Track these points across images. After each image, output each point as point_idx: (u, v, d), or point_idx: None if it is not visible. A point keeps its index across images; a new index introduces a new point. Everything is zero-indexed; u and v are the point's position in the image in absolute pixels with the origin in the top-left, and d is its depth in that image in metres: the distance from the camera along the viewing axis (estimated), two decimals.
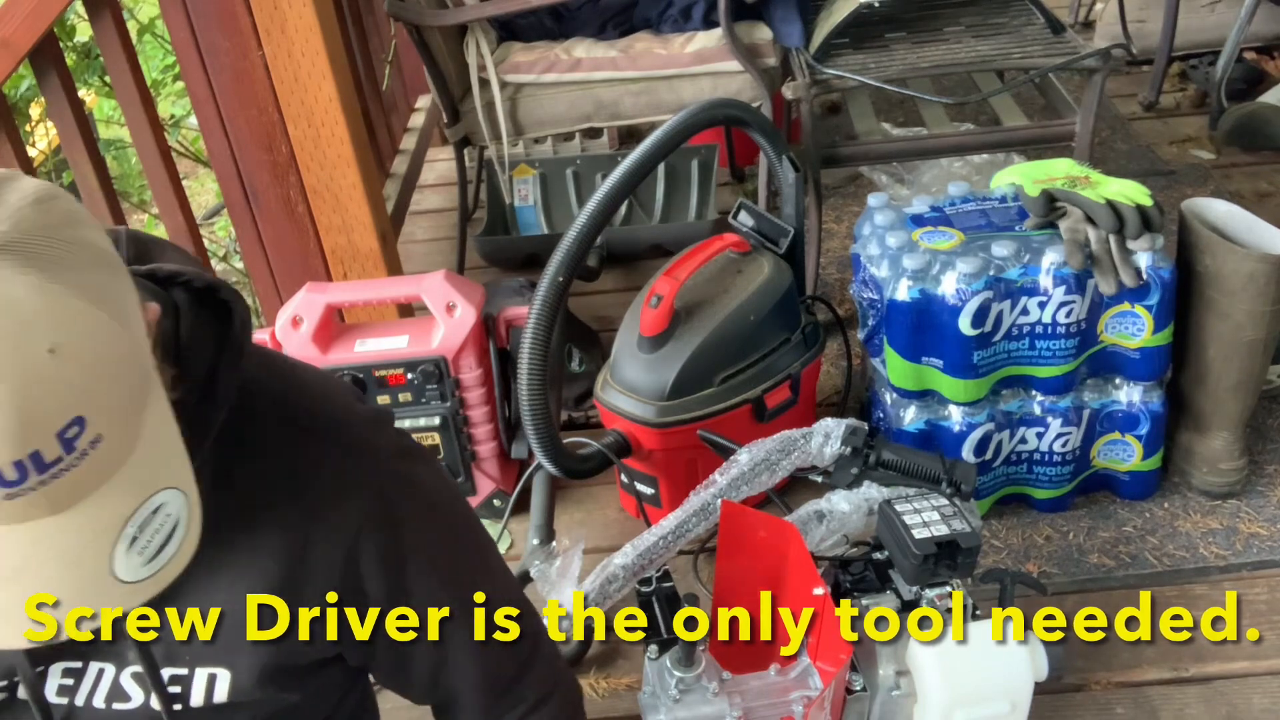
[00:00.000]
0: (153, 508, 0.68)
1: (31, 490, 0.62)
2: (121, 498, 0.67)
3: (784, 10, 2.26)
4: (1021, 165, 1.85)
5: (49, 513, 0.64)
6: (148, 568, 0.68)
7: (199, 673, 0.88)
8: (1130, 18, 3.06)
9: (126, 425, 0.67)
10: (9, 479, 0.61)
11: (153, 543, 0.68)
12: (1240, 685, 1.52)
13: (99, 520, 0.66)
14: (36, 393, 0.61)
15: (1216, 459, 1.81)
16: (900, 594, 1.34)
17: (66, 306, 0.63)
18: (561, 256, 1.73)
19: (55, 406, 0.62)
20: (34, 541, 0.65)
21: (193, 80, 2.03)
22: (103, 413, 0.65)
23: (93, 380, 0.64)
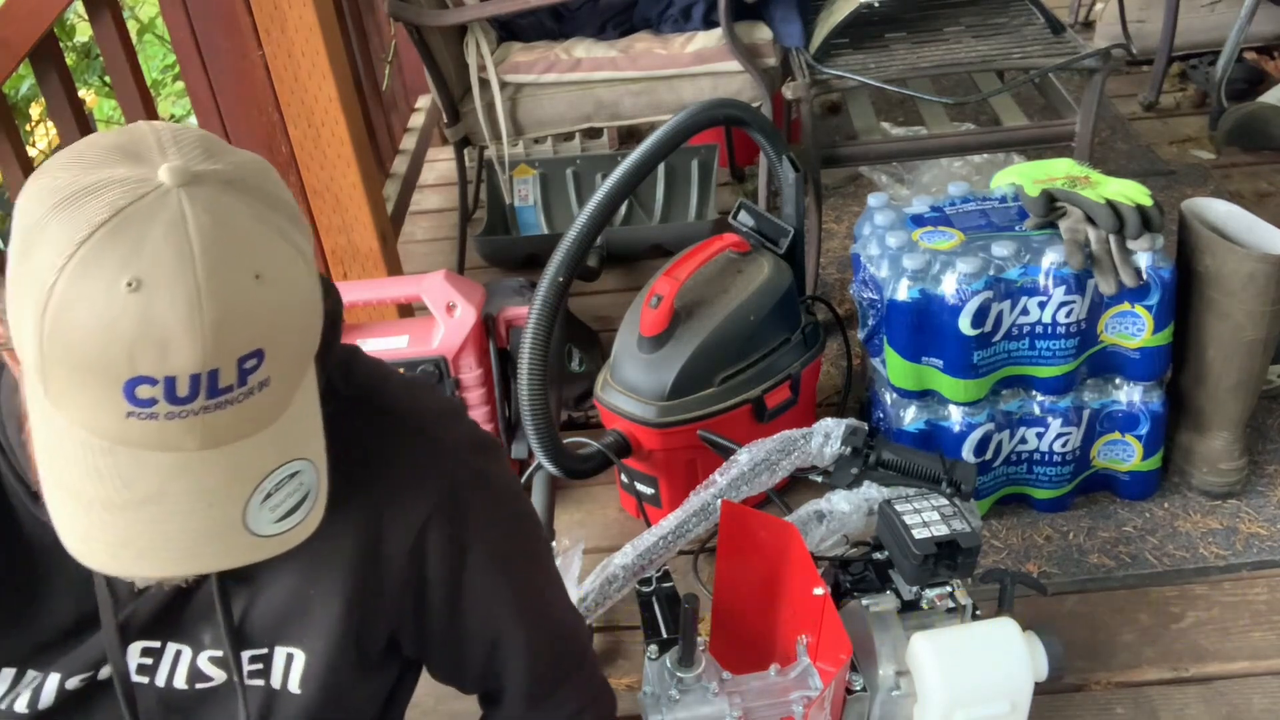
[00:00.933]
0: (290, 471, 0.69)
1: (193, 414, 0.63)
2: (267, 452, 0.68)
3: (784, 10, 2.26)
4: (1021, 165, 1.85)
5: (198, 446, 0.65)
6: (274, 527, 0.69)
7: (278, 651, 0.89)
8: (1130, 18, 3.06)
9: (289, 379, 0.69)
10: (180, 394, 0.62)
11: (283, 505, 0.69)
12: (1240, 685, 1.52)
13: (241, 467, 0.67)
14: (234, 311, 0.62)
15: (1216, 459, 1.81)
16: (900, 594, 1.34)
17: (275, 243, 0.65)
18: (561, 256, 1.73)
19: (245, 331, 0.63)
20: (175, 473, 0.65)
21: (193, 80, 2.03)
22: (279, 355, 0.66)
23: (282, 318, 0.65)
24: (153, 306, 0.60)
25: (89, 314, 0.60)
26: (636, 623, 1.36)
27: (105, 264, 0.61)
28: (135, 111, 1.86)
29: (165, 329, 0.61)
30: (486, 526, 0.93)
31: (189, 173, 0.63)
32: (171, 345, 0.61)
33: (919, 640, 1.24)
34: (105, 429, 0.64)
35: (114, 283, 0.60)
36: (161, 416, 0.63)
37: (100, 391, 0.62)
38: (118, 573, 0.69)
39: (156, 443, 0.64)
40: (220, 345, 0.62)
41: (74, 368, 0.62)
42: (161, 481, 0.65)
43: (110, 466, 0.65)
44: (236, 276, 0.63)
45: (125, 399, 0.62)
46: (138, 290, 0.60)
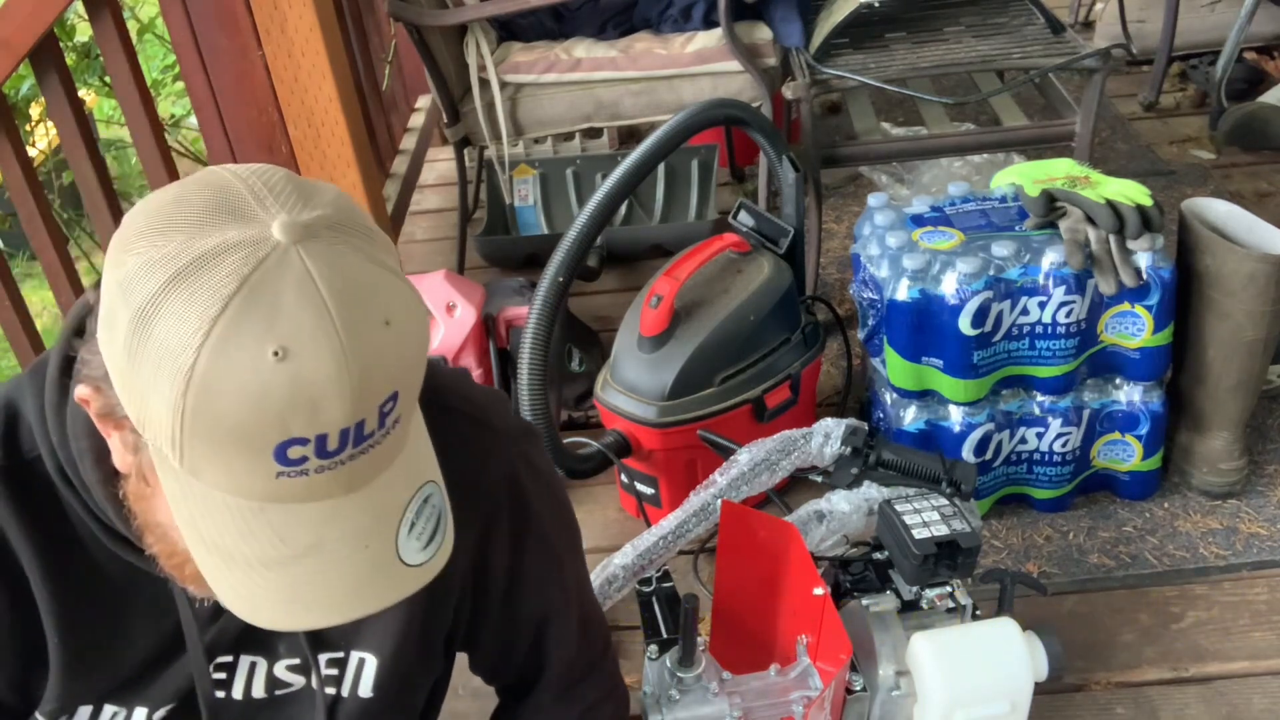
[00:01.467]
0: (424, 496, 0.70)
1: (340, 464, 0.63)
2: (401, 483, 0.69)
3: (784, 10, 2.26)
4: (1021, 165, 1.85)
5: (344, 491, 0.65)
6: (422, 555, 0.69)
7: (353, 655, 0.90)
8: (1130, 18, 3.06)
9: (413, 410, 0.69)
10: (330, 449, 0.62)
11: (425, 531, 0.69)
12: (1240, 685, 1.52)
13: (385, 503, 0.67)
14: (374, 362, 0.62)
15: (1216, 459, 1.81)
16: (900, 594, 1.34)
17: (391, 282, 0.66)
18: (561, 256, 1.73)
19: (384, 378, 0.63)
20: (328, 520, 0.65)
21: (193, 80, 2.03)
22: (408, 392, 0.66)
23: (410, 357, 0.66)
24: (302, 372, 0.60)
25: (237, 388, 0.60)
26: (636, 623, 1.36)
27: (246, 336, 0.60)
28: (135, 111, 1.86)
29: (315, 391, 0.61)
30: (541, 512, 0.95)
31: (299, 226, 0.63)
32: (322, 405, 0.61)
33: (919, 640, 1.24)
34: (253, 490, 0.64)
35: (259, 355, 0.60)
36: (311, 472, 0.63)
37: (249, 458, 0.62)
38: (288, 628, 0.69)
39: (305, 496, 0.64)
40: (365, 397, 0.62)
41: (221, 441, 0.61)
42: (317, 531, 0.65)
43: (264, 525, 0.65)
44: (370, 327, 0.63)
45: (275, 461, 0.62)
46: (285, 359, 0.60)
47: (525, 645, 1.00)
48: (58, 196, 3.14)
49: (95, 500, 0.77)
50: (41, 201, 1.73)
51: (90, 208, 1.86)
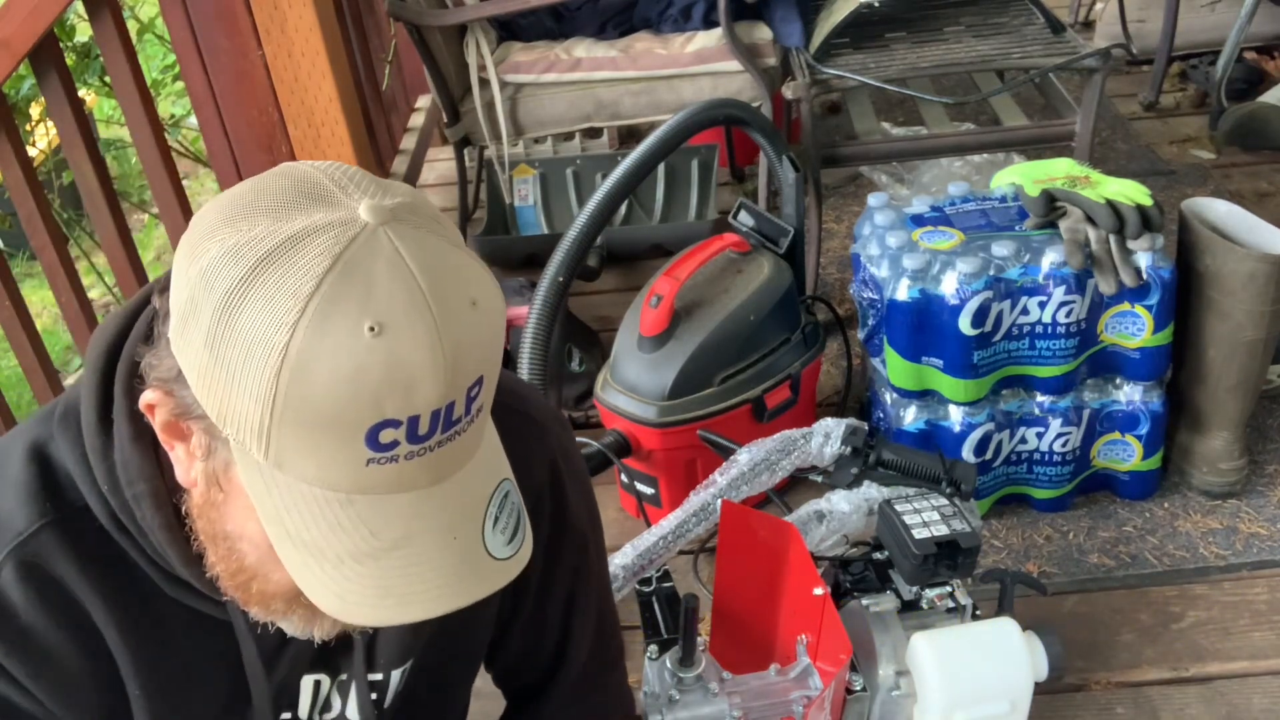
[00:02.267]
0: (504, 493, 0.69)
1: (429, 450, 0.62)
2: (483, 477, 0.68)
3: (784, 10, 2.26)
4: (1021, 165, 1.85)
5: (430, 482, 0.64)
6: (507, 549, 0.68)
7: (394, 674, 0.89)
8: (1130, 18, 3.06)
9: (491, 400, 0.68)
10: (421, 433, 0.61)
11: (509, 526, 0.68)
12: (1240, 685, 1.52)
13: (469, 495, 0.66)
14: (465, 342, 0.62)
15: (1216, 459, 1.81)
16: (900, 594, 1.34)
17: (474, 265, 0.65)
18: (561, 256, 1.73)
19: (473, 360, 0.63)
20: (416, 511, 0.64)
21: (193, 80, 2.03)
22: (490, 379, 0.65)
23: (494, 341, 0.65)
24: (398, 348, 0.59)
25: (334, 365, 0.59)
26: (636, 623, 1.36)
27: (343, 313, 0.59)
28: (135, 111, 1.86)
29: (411, 369, 0.60)
30: (576, 506, 0.94)
31: (385, 209, 0.62)
32: (417, 384, 0.60)
33: (919, 640, 1.24)
34: (341, 481, 0.63)
35: (356, 331, 0.59)
36: (401, 458, 0.62)
37: (340, 443, 0.61)
38: (381, 623, 0.67)
39: (394, 485, 0.63)
40: (457, 377, 0.62)
41: (314, 424, 0.60)
42: (406, 523, 0.64)
43: (353, 517, 0.63)
44: (460, 306, 0.62)
45: (367, 446, 0.61)
46: (381, 334, 0.59)
47: (548, 645, 0.99)
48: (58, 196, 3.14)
49: (155, 545, 0.74)
50: (41, 201, 1.73)
51: (90, 208, 1.86)
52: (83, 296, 1.83)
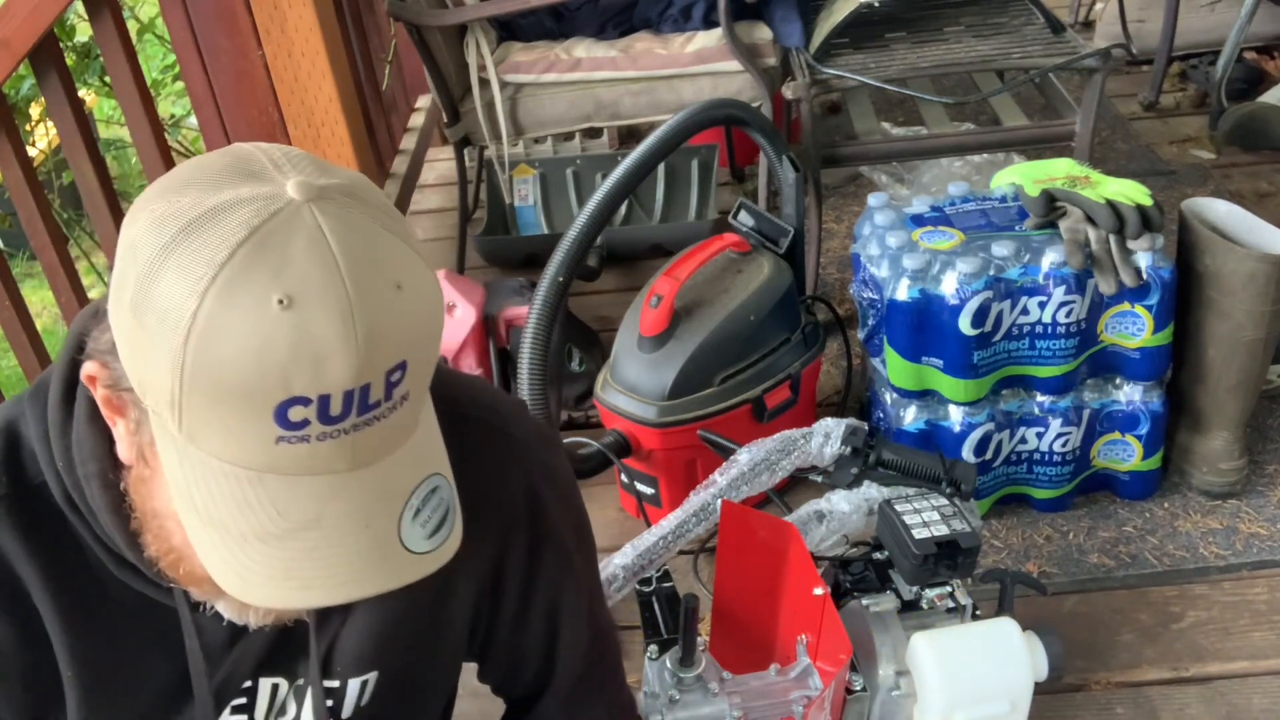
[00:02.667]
0: (431, 486, 0.68)
1: (344, 433, 0.62)
2: (409, 468, 0.67)
3: (784, 10, 2.26)
4: (1021, 165, 1.85)
5: (347, 467, 0.63)
6: (427, 544, 0.67)
7: (351, 683, 0.88)
8: (1130, 18, 3.06)
9: (423, 392, 0.68)
10: (333, 413, 0.61)
11: (431, 521, 0.67)
12: (1240, 685, 1.52)
13: (390, 484, 0.65)
14: (382, 323, 0.61)
15: (1216, 459, 1.81)
16: (900, 594, 1.34)
17: (405, 251, 0.64)
18: (561, 256, 1.73)
19: (392, 343, 0.62)
20: (329, 495, 0.63)
21: (193, 80, 2.03)
22: (417, 366, 0.65)
23: (421, 328, 0.65)
24: (307, 323, 0.59)
25: (240, 336, 0.59)
26: (636, 623, 1.36)
27: (252, 283, 0.59)
28: (135, 111, 1.86)
29: (321, 344, 0.59)
30: (558, 520, 0.93)
31: (314, 187, 0.62)
32: (327, 361, 0.59)
33: (919, 640, 1.24)
34: (252, 458, 0.62)
35: (264, 301, 0.58)
36: (313, 439, 0.61)
37: (248, 418, 0.60)
38: (282, 605, 0.66)
39: (307, 467, 0.62)
40: (372, 358, 0.61)
41: (221, 396, 0.60)
42: (317, 506, 0.63)
43: (261, 496, 0.63)
44: (380, 287, 0.61)
45: (276, 423, 0.60)
46: (290, 307, 0.59)
47: (535, 657, 0.98)
48: (58, 196, 3.14)
49: (103, 526, 0.74)
50: (41, 201, 1.73)
51: (90, 208, 1.86)
52: (83, 296, 1.83)
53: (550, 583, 0.94)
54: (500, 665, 1.00)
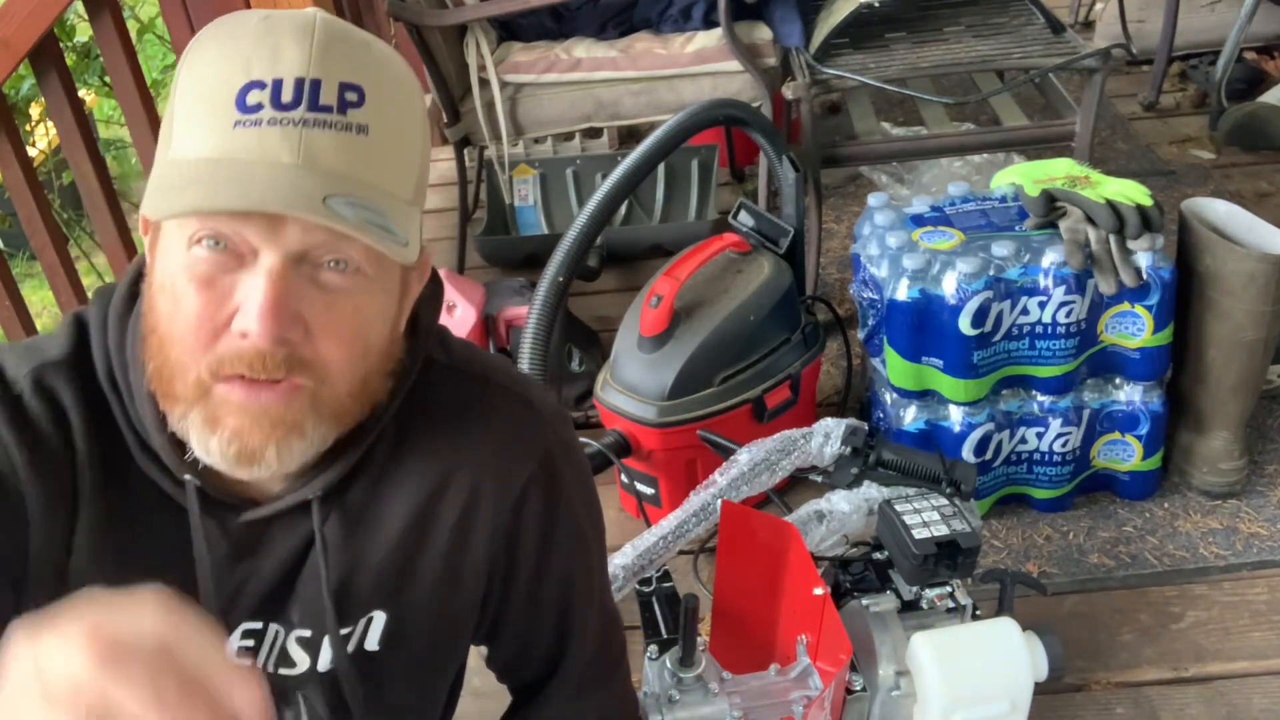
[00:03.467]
0: (380, 221, 0.70)
1: (292, 124, 0.68)
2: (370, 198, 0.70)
3: (784, 10, 2.26)
4: (1021, 165, 1.85)
5: (293, 160, 0.68)
6: (354, 214, 0.69)
7: (359, 622, 0.89)
8: (1130, 18, 3.06)
9: (386, 134, 0.71)
10: (284, 100, 0.68)
11: (367, 219, 0.70)
12: (1240, 685, 1.52)
13: (334, 185, 0.69)
14: (341, 41, 0.70)
15: (1216, 459, 1.81)
16: (900, 594, 1.34)
17: (394, 54, 0.75)
18: (561, 256, 1.73)
19: (347, 61, 0.70)
20: (272, 175, 0.68)
21: None
22: (380, 115, 0.70)
23: (386, 76, 0.72)
24: (274, 28, 0.69)
25: (221, 42, 0.70)
26: (636, 623, 1.36)
27: (241, 17, 0.72)
28: (135, 111, 1.86)
29: (280, 38, 0.69)
30: (572, 496, 0.94)
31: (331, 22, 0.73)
32: (283, 51, 0.68)
33: (919, 640, 1.24)
34: (215, 145, 0.68)
35: (247, 19, 0.71)
36: (265, 123, 0.67)
37: (215, 109, 0.68)
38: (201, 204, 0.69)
39: (257, 153, 0.67)
40: (325, 59, 0.69)
41: (199, 94, 0.69)
42: (261, 179, 0.68)
43: (213, 167, 0.68)
44: (349, 29, 0.72)
45: (236, 108, 0.67)
46: (265, 20, 0.70)
47: (547, 637, 0.99)
48: (58, 196, 3.14)
49: (135, 407, 0.78)
50: (41, 201, 1.73)
51: (90, 208, 1.86)
52: (83, 296, 1.83)
53: (564, 558, 0.95)
54: (512, 643, 1.00)
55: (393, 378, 0.81)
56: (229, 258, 0.69)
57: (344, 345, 0.73)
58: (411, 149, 0.75)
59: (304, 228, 0.69)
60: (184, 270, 0.70)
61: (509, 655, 1.02)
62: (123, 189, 3.40)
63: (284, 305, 0.69)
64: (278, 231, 0.68)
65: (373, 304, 0.75)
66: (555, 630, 0.98)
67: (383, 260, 0.72)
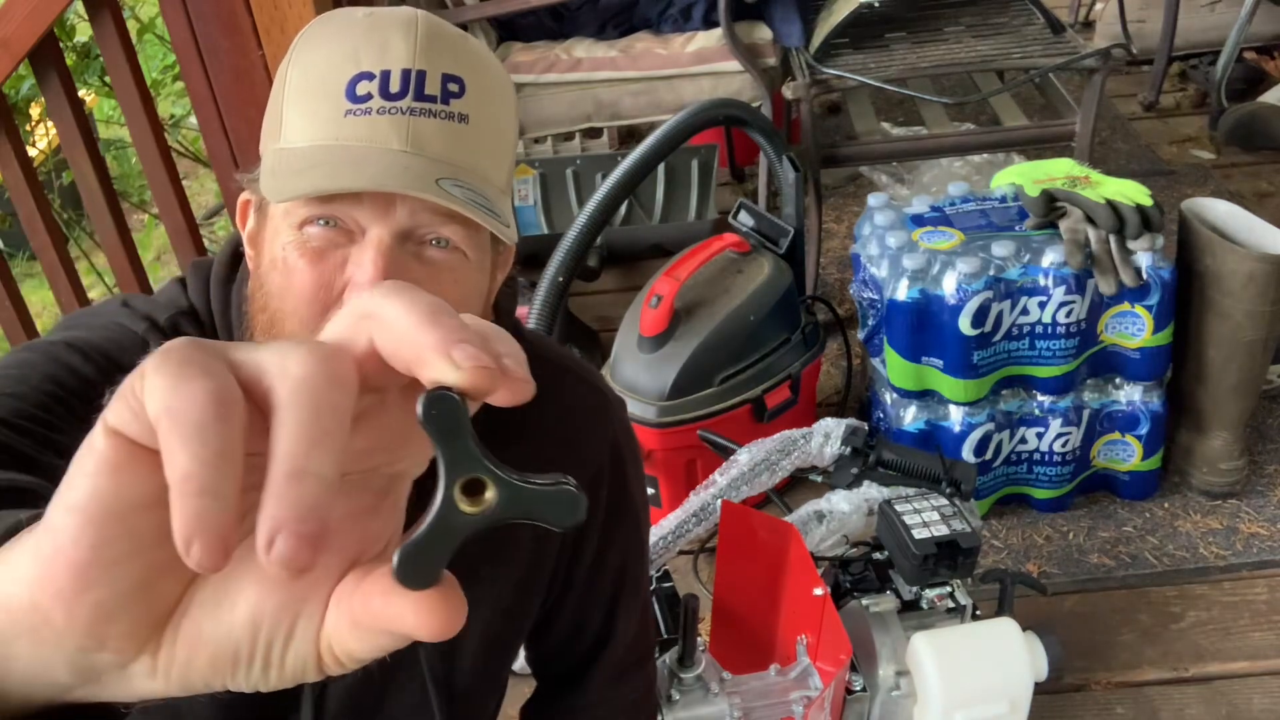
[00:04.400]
0: (485, 202, 0.73)
1: (401, 112, 0.71)
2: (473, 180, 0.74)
3: (784, 10, 2.26)
4: (1021, 165, 1.85)
5: (402, 146, 0.71)
6: (462, 194, 0.72)
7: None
8: (1130, 18, 3.06)
9: (487, 120, 0.75)
10: (392, 90, 0.71)
11: (471, 198, 0.72)
12: (1240, 685, 1.52)
13: (441, 169, 0.72)
14: (442, 36, 0.73)
15: (1216, 459, 1.81)
16: (900, 594, 1.34)
17: (487, 51, 0.78)
18: (561, 256, 1.73)
19: (449, 53, 0.73)
20: (385, 160, 0.71)
21: (193, 80, 2.03)
22: (480, 106, 0.74)
23: (483, 68, 0.75)
24: (379, 23, 0.73)
25: (328, 38, 0.74)
26: None
27: (348, 14, 0.75)
28: (135, 112, 1.86)
29: (386, 32, 0.72)
30: (633, 484, 0.96)
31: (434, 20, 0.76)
32: (390, 44, 0.71)
33: (919, 640, 1.24)
34: (327, 132, 0.72)
35: (354, 15, 0.74)
36: (374, 111, 0.71)
37: (326, 100, 0.72)
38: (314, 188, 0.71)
39: (368, 138, 0.71)
40: (429, 52, 0.72)
41: (310, 86, 0.73)
42: (375, 162, 0.71)
43: (328, 153, 0.72)
44: (446, 25, 0.75)
45: (346, 98, 0.71)
46: (370, 16, 0.73)
47: (598, 620, 1.00)
48: (58, 196, 3.14)
49: None
50: (41, 201, 1.73)
51: (90, 208, 1.86)
52: (83, 296, 1.83)
53: (621, 547, 0.97)
54: (566, 626, 1.01)
55: None
56: (339, 234, 0.72)
57: None
58: (507, 138, 0.78)
59: (410, 209, 0.71)
60: (295, 246, 0.72)
61: (557, 640, 1.02)
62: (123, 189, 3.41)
63: (391, 275, 0.71)
64: (387, 211, 0.71)
65: (470, 280, 0.77)
66: (605, 615, 1.00)
67: (478, 242, 0.75)
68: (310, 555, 0.31)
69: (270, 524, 0.31)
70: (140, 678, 0.36)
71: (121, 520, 0.33)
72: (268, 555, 0.31)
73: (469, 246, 0.74)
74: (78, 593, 0.33)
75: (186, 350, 0.32)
